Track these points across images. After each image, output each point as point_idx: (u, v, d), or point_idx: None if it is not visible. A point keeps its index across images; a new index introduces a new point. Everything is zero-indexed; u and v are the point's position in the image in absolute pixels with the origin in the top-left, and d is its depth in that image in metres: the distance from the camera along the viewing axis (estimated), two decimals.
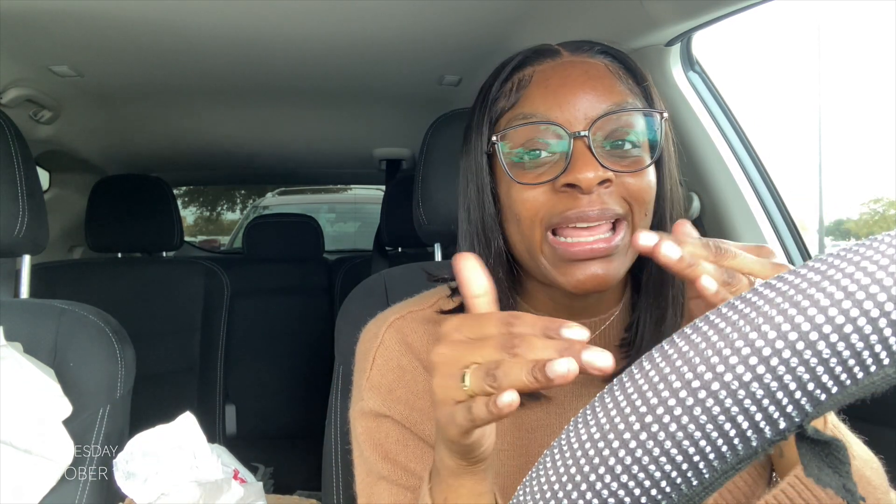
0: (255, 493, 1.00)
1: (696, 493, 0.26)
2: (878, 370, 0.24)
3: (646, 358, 0.27)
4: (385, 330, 0.67)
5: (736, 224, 1.19)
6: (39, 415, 0.91)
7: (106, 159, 2.29)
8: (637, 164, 0.57)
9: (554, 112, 0.57)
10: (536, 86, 0.60)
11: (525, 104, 0.59)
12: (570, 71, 0.59)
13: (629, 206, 0.57)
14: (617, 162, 0.57)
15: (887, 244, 0.25)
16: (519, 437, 0.63)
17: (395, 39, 1.39)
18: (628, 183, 0.57)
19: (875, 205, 9.73)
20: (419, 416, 0.63)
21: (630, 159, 0.58)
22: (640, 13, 1.08)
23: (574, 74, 0.59)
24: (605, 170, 0.55)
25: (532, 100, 0.59)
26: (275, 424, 2.48)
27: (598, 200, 0.56)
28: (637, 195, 0.57)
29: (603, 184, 0.56)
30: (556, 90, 0.58)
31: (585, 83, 0.58)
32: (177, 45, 1.40)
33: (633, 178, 0.57)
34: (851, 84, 14.51)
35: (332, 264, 2.72)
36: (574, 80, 0.58)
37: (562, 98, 0.58)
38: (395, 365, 0.65)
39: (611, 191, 0.56)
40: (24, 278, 1.17)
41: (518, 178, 0.58)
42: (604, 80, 0.59)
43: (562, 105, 0.57)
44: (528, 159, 0.58)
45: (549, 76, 0.60)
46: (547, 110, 0.58)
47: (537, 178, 0.58)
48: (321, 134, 2.29)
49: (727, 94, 1.25)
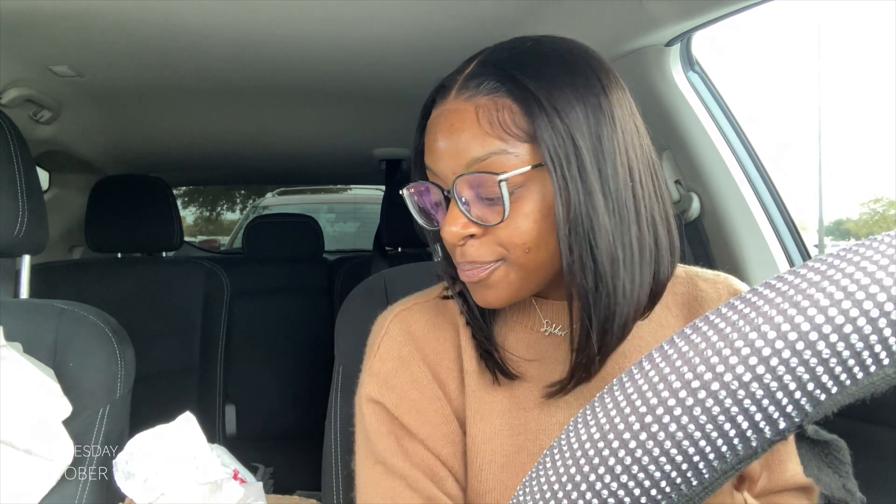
0: (255, 493, 1.00)
1: (696, 493, 0.26)
2: (877, 370, 0.24)
3: (646, 358, 0.27)
4: (391, 320, 0.70)
5: (736, 224, 1.19)
6: (39, 415, 0.91)
7: (106, 159, 2.29)
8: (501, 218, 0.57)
9: (434, 167, 0.61)
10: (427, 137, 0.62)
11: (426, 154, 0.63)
12: (441, 123, 0.60)
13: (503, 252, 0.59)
14: (487, 211, 0.58)
15: (887, 244, 0.25)
16: (516, 417, 0.65)
17: (396, 39, 1.39)
18: (498, 231, 0.58)
19: (875, 205, 9.72)
20: (408, 407, 0.65)
21: (500, 207, 0.57)
22: (639, 13, 1.08)
23: (443, 127, 0.60)
24: (469, 224, 0.58)
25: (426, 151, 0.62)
26: (275, 424, 2.48)
27: (466, 254, 0.60)
28: (507, 241, 0.58)
29: (472, 238, 0.59)
30: (431, 145, 0.61)
31: (449, 137, 0.59)
32: (177, 45, 1.40)
33: (503, 227, 0.58)
34: (851, 84, 14.50)
35: (332, 264, 2.72)
36: (442, 133, 0.60)
37: (436, 154, 0.60)
38: (395, 355, 0.67)
39: (482, 241, 0.59)
40: (24, 278, 1.17)
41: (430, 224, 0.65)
42: (465, 133, 0.58)
43: (435, 160, 0.60)
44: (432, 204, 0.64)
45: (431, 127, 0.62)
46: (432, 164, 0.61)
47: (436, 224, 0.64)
48: (321, 134, 2.29)
49: (727, 94, 1.25)
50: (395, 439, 0.65)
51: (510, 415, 0.65)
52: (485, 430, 0.65)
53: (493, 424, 0.65)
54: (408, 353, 0.67)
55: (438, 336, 0.68)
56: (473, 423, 0.65)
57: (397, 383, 0.66)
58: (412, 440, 0.65)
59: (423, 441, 0.64)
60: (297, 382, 2.52)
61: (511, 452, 0.64)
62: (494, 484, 0.63)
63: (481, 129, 0.57)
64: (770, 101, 13.47)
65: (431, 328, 0.68)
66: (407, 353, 0.67)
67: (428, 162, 0.62)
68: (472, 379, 0.66)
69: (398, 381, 0.66)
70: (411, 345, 0.68)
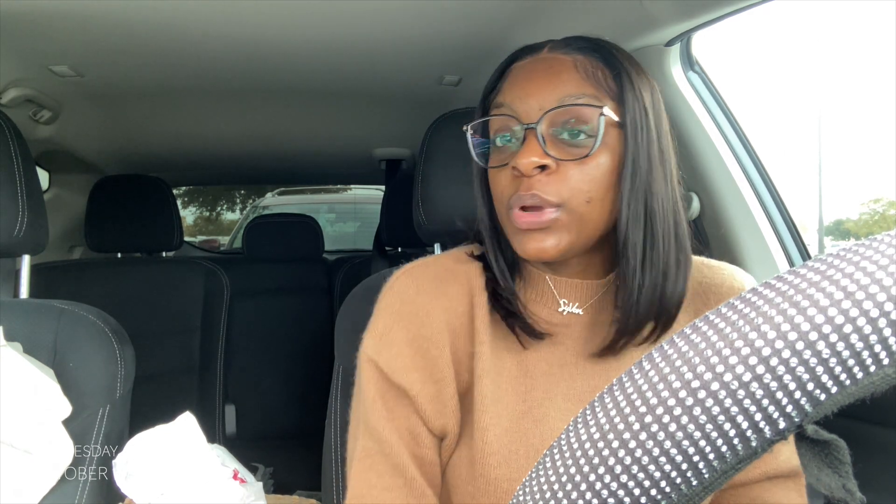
0: (255, 493, 1.00)
1: (696, 493, 0.26)
2: (877, 370, 0.24)
3: (646, 358, 0.27)
4: (397, 277, 0.72)
5: (735, 224, 1.19)
6: (39, 415, 0.91)
7: (106, 159, 2.29)
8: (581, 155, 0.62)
9: (516, 104, 0.65)
10: (509, 80, 0.68)
11: (500, 95, 0.67)
12: (538, 66, 0.66)
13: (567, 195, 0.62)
14: (564, 150, 0.63)
15: (887, 244, 0.25)
16: (523, 383, 0.67)
17: (395, 39, 1.39)
18: (570, 172, 0.62)
19: (875, 205, 9.73)
20: (400, 363, 0.67)
21: (579, 149, 0.62)
22: (639, 13, 1.08)
23: (539, 69, 0.65)
24: (545, 156, 0.61)
25: (504, 92, 0.67)
26: (275, 424, 2.48)
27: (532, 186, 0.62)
28: (574, 185, 0.62)
29: (544, 170, 0.62)
30: (520, 84, 0.66)
31: (545, 77, 0.64)
32: (177, 46, 1.40)
33: (575, 168, 0.62)
34: (851, 84, 14.50)
35: (332, 264, 2.72)
36: (537, 74, 0.65)
37: (523, 91, 0.65)
38: (394, 310, 0.69)
39: (550, 178, 0.62)
40: (23, 278, 1.17)
41: (493, 162, 0.67)
42: (563, 75, 0.64)
43: (522, 97, 0.64)
44: (499, 144, 0.66)
45: (520, 71, 0.67)
46: (512, 101, 0.65)
47: (501, 161, 0.65)
48: (321, 134, 2.29)
49: (727, 94, 1.25)
50: (382, 400, 0.67)
51: (517, 381, 0.67)
52: (494, 392, 0.66)
53: (501, 387, 0.67)
54: (407, 310, 0.68)
55: (446, 291, 0.69)
56: (483, 384, 0.66)
57: (393, 339, 0.68)
58: (399, 399, 0.66)
59: (413, 398, 0.66)
60: (297, 382, 2.52)
61: (516, 417, 0.66)
62: (498, 447, 0.64)
63: (578, 75, 0.64)
64: (770, 102, 13.46)
65: (439, 282, 0.69)
66: (407, 310, 0.68)
67: (508, 100, 0.65)
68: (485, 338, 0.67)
69: (393, 336, 0.68)
70: (413, 302, 0.68)
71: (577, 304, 0.69)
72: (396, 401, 0.66)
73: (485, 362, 0.66)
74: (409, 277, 0.70)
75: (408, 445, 0.66)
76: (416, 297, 0.69)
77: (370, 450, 0.66)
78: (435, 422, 0.66)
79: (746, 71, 14.11)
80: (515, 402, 0.66)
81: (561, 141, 0.63)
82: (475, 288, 0.69)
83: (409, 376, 0.66)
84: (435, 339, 0.67)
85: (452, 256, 0.73)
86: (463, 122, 0.69)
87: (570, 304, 0.69)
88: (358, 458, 0.67)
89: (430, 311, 0.68)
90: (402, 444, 0.65)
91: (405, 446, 0.66)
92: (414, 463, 0.66)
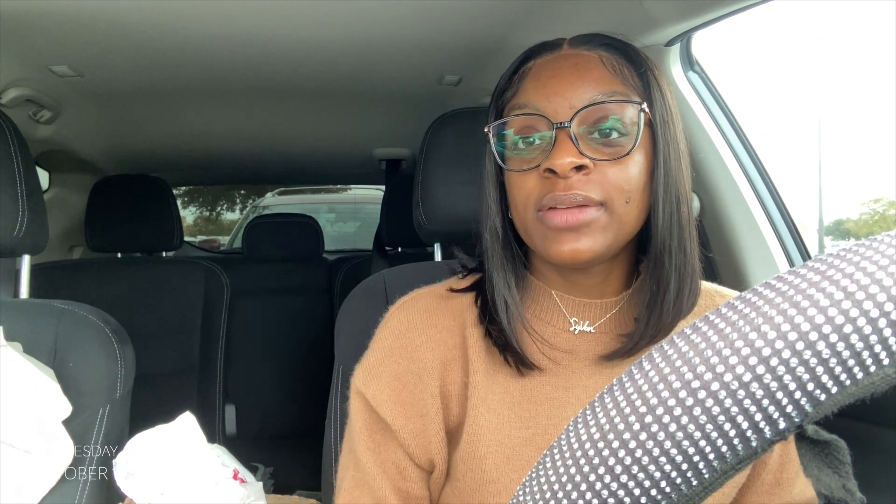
0: (255, 493, 1.00)
1: (696, 493, 0.26)
2: (877, 370, 0.24)
3: (646, 358, 0.27)
4: (391, 312, 0.71)
5: (736, 224, 1.19)
6: (39, 415, 0.91)
7: (106, 159, 2.29)
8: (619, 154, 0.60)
9: (542, 103, 0.61)
10: (531, 78, 0.64)
11: (521, 95, 0.64)
12: (562, 63, 0.63)
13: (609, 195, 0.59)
14: (599, 150, 0.60)
15: (887, 244, 0.25)
16: (527, 409, 0.65)
17: (395, 39, 1.39)
18: (607, 171, 0.59)
19: (875, 205, 9.73)
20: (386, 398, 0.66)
21: (614, 148, 0.60)
22: (639, 13, 1.08)
23: (565, 67, 0.62)
24: (582, 157, 0.59)
25: (526, 91, 0.63)
26: (275, 424, 2.48)
27: (573, 186, 0.59)
28: (615, 183, 0.60)
29: (581, 170, 0.59)
30: (546, 82, 0.62)
31: (573, 74, 0.61)
32: (177, 45, 1.40)
33: (613, 167, 0.60)
34: (852, 84, 14.51)
35: (332, 264, 2.72)
36: (563, 72, 0.62)
37: (550, 90, 0.61)
38: (385, 346, 0.68)
39: (589, 178, 0.59)
40: (23, 278, 1.17)
41: (513, 165, 0.63)
42: (592, 72, 0.61)
43: (550, 96, 0.61)
44: (522, 146, 0.63)
45: (543, 69, 0.64)
46: (537, 101, 0.62)
47: (528, 164, 0.62)
48: (321, 134, 2.29)
49: (727, 94, 1.25)
50: (369, 433, 0.67)
51: (520, 407, 0.65)
52: (492, 420, 0.65)
53: (501, 415, 0.65)
54: (398, 345, 0.68)
55: (437, 323, 0.68)
56: (479, 413, 0.65)
57: (381, 373, 0.67)
58: (385, 434, 0.66)
59: (395, 432, 0.65)
60: (297, 382, 2.52)
61: (518, 445, 0.64)
62: (498, 475, 0.63)
63: (607, 72, 0.61)
64: (769, 102, 13.46)
65: (430, 316, 0.68)
66: (398, 345, 0.68)
67: (533, 100, 0.62)
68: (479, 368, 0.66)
69: (382, 371, 0.67)
70: (403, 337, 0.68)
71: (587, 322, 0.67)
72: (382, 434, 0.66)
73: (480, 392, 0.65)
74: (403, 312, 0.70)
75: (392, 479, 0.65)
76: (406, 333, 0.68)
77: (358, 481, 0.66)
78: (421, 457, 0.66)
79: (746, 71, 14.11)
80: (518, 429, 0.65)
81: (593, 140, 0.60)
82: (468, 319, 0.68)
83: (394, 410, 0.65)
84: (423, 375, 0.66)
85: (448, 285, 0.72)
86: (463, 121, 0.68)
87: (581, 323, 0.67)
88: (345, 488, 0.67)
89: (420, 345, 0.67)
90: (385, 479, 0.65)
91: (389, 480, 0.65)
92: (397, 497, 0.65)
